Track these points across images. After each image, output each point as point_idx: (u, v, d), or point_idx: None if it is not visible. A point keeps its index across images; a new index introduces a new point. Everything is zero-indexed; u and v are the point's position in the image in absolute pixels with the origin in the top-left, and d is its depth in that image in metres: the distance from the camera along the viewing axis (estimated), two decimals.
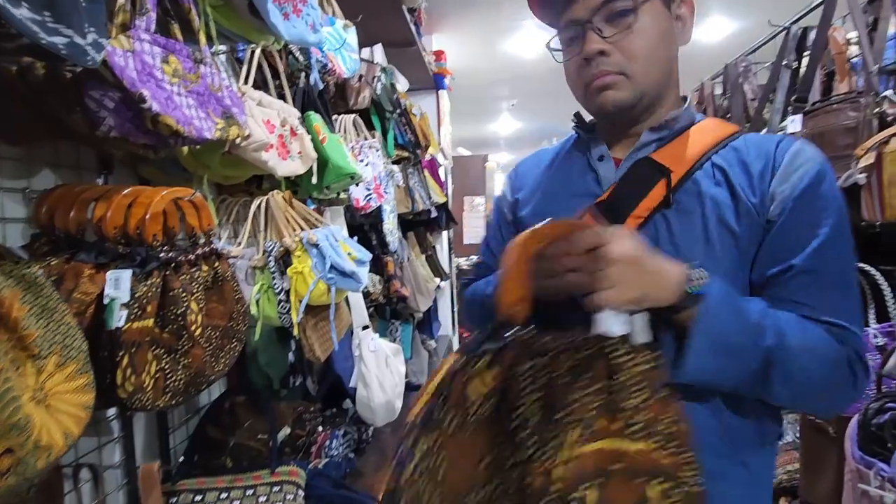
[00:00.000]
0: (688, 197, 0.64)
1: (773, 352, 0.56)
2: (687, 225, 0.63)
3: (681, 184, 0.64)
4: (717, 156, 0.66)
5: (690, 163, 0.65)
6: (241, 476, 0.96)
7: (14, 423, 0.39)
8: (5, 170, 0.72)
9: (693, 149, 0.66)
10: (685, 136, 0.68)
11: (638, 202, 0.64)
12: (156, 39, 0.73)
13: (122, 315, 0.55)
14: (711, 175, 0.65)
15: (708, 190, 0.64)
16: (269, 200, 1.06)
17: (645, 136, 0.69)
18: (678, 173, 0.64)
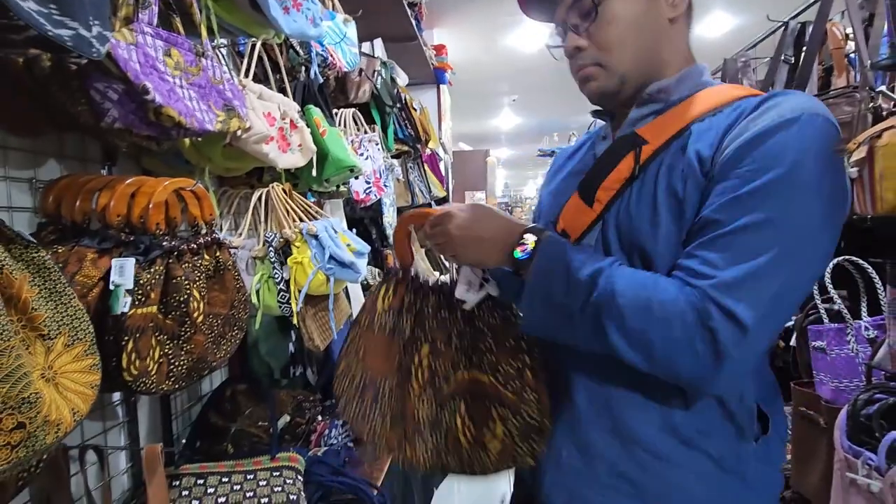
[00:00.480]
0: (653, 167, 0.62)
1: (600, 307, 0.55)
2: (643, 196, 0.61)
3: (654, 157, 0.62)
4: (700, 123, 0.61)
5: (669, 134, 0.62)
6: (242, 461, 0.98)
7: (25, 398, 0.40)
8: (12, 160, 0.74)
9: (679, 119, 0.63)
10: (679, 107, 0.65)
11: (606, 175, 0.65)
12: (158, 33, 0.75)
13: (126, 301, 0.57)
14: (683, 146, 0.61)
15: (671, 156, 0.61)
16: (270, 192, 1.07)
17: (633, 112, 0.68)
18: (653, 144, 0.63)
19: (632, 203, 0.62)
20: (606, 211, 0.65)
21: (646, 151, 0.63)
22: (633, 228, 0.61)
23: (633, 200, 0.62)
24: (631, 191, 0.63)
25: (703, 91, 0.65)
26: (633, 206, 0.62)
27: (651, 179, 0.61)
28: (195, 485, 0.91)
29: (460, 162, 5.18)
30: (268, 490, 0.91)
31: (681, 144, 0.61)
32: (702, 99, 0.64)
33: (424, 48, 2.70)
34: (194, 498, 0.88)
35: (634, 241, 0.61)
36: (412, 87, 2.66)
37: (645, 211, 0.60)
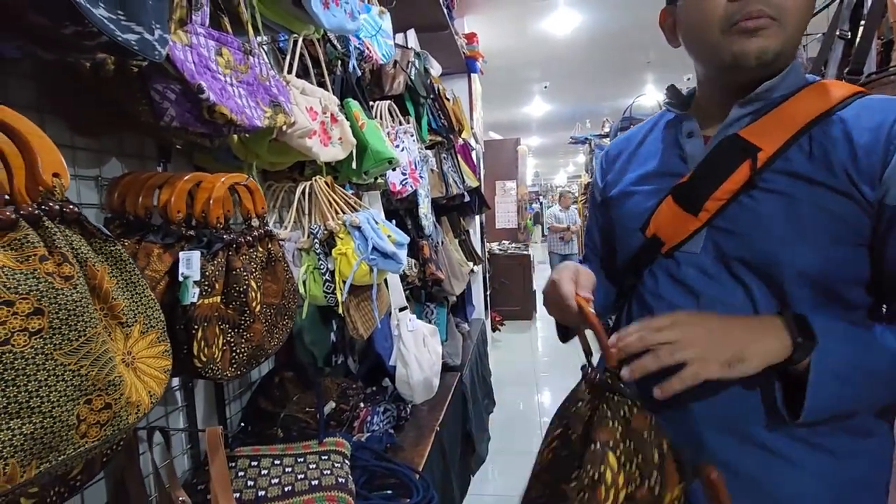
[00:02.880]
0: (777, 177, 0.58)
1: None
2: (775, 207, 0.58)
3: (770, 163, 0.58)
4: (817, 128, 0.58)
5: (783, 139, 0.58)
6: (291, 445, 1.03)
7: (111, 381, 0.44)
8: (80, 159, 0.79)
9: (790, 122, 0.59)
10: (785, 106, 0.60)
11: (718, 184, 0.60)
12: (210, 33, 0.77)
13: (195, 292, 0.60)
14: (807, 152, 0.57)
15: (801, 169, 0.57)
16: (313, 185, 1.10)
17: (734, 111, 0.63)
18: (767, 151, 0.58)
19: (761, 213, 0.59)
20: (717, 218, 0.62)
21: (760, 158, 0.59)
22: (765, 238, 0.58)
23: (762, 210, 0.59)
24: (753, 200, 0.59)
25: (807, 88, 0.61)
26: (763, 217, 0.58)
27: (781, 189, 0.58)
28: (249, 466, 0.96)
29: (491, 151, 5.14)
30: (317, 473, 0.95)
31: (804, 152, 0.58)
32: (810, 99, 0.60)
33: (456, 37, 2.68)
34: (249, 478, 0.92)
35: (764, 250, 0.58)
36: (444, 76, 2.66)
37: (781, 221, 0.57)
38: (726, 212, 0.61)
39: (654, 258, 0.68)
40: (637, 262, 0.71)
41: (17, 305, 0.38)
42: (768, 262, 0.58)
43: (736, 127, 0.63)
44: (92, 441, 0.43)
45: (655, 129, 0.77)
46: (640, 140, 0.78)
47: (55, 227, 0.43)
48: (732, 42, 0.58)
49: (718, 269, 0.62)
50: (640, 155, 0.75)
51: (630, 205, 0.73)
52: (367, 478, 1.10)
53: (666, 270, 0.67)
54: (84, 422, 0.42)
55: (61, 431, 0.40)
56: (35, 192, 0.44)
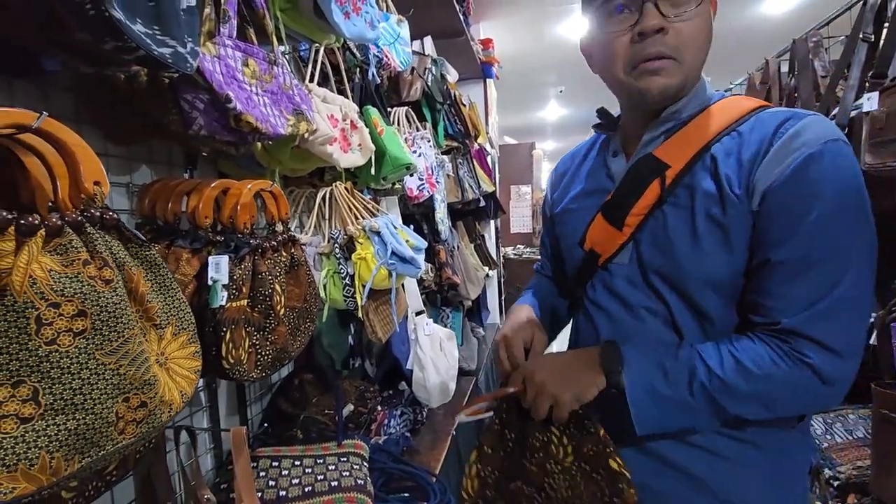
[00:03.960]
0: (683, 191, 0.64)
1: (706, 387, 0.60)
2: (679, 220, 0.64)
3: (678, 179, 0.64)
4: (718, 145, 0.64)
5: (688, 156, 0.64)
6: (311, 446, 1.04)
7: (146, 380, 0.45)
8: (112, 167, 0.82)
9: (695, 140, 0.65)
10: (691, 125, 0.66)
11: (635, 201, 0.67)
12: (237, 44, 0.80)
13: (223, 295, 0.62)
14: (709, 167, 0.63)
15: (699, 183, 0.63)
16: (333, 191, 1.12)
17: (646, 135, 0.69)
18: (675, 168, 0.65)
19: (668, 226, 0.65)
20: (638, 231, 0.68)
21: (668, 176, 0.65)
22: (672, 249, 0.64)
23: (669, 223, 0.65)
24: (663, 214, 0.65)
25: (713, 107, 0.66)
26: (669, 229, 0.65)
27: (684, 203, 0.64)
28: (270, 466, 0.98)
29: (506, 156, 5.14)
30: (336, 474, 0.96)
31: (706, 168, 0.63)
32: (714, 116, 0.65)
33: (472, 43, 2.70)
34: (270, 479, 0.94)
35: (672, 260, 0.64)
36: (460, 82, 2.68)
37: (683, 233, 0.63)
38: (645, 226, 0.67)
39: (594, 270, 0.74)
40: (580, 275, 0.77)
41: (63, 307, 0.40)
42: (677, 273, 0.64)
43: (652, 146, 0.68)
44: (129, 438, 0.45)
45: (594, 149, 0.83)
46: (581, 159, 0.85)
47: (96, 233, 0.45)
48: (637, 80, 0.64)
49: (641, 279, 0.68)
50: (580, 173, 0.82)
51: (570, 221, 0.80)
52: (384, 480, 1.11)
53: (602, 281, 0.74)
54: (122, 419, 0.44)
55: (102, 428, 0.42)
56: (77, 199, 0.46)
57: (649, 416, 0.63)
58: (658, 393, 0.61)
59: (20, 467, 0.38)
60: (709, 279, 0.63)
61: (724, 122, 0.64)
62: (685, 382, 0.61)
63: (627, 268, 0.70)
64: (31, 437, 0.38)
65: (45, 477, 0.38)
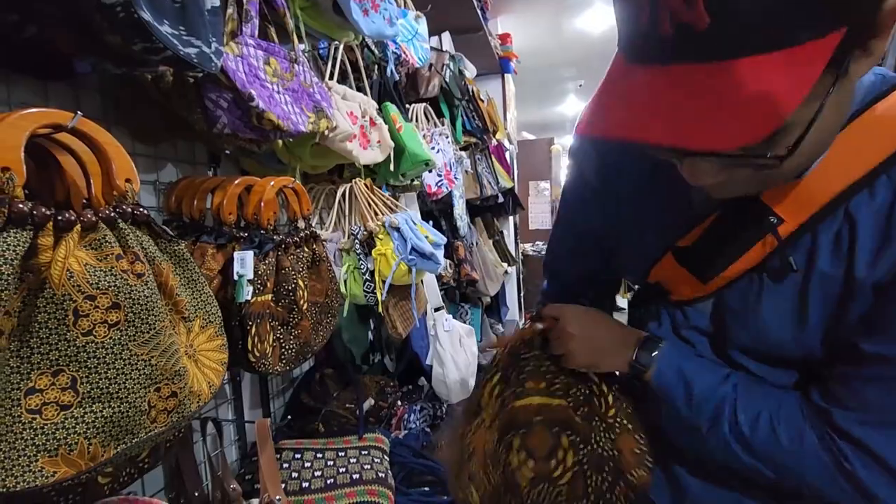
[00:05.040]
0: (798, 257, 0.47)
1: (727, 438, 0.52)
2: (780, 300, 0.49)
3: (793, 239, 0.47)
4: (863, 195, 0.43)
5: (813, 209, 0.45)
6: (332, 440, 1.06)
7: (177, 371, 0.47)
8: (140, 165, 0.84)
9: (824, 183, 0.45)
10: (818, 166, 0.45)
11: (728, 262, 0.51)
12: (259, 44, 0.81)
13: (249, 290, 0.64)
14: (838, 230, 0.45)
15: (824, 252, 0.46)
16: (353, 187, 1.13)
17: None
18: (791, 224, 0.46)
19: (763, 303, 0.50)
20: (726, 288, 0.54)
21: (781, 233, 0.47)
22: (765, 331, 0.51)
23: (764, 301, 0.50)
24: (760, 282, 0.50)
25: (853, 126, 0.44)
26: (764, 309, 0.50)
27: (796, 278, 0.48)
28: (293, 459, 0.99)
29: (524, 151, 5.11)
30: (358, 467, 0.98)
31: (835, 231, 0.45)
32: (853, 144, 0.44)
33: (490, 38, 2.69)
34: (293, 470, 0.96)
35: (763, 342, 0.52)
36: (478, 77, 2.67)
37: (784, 316, 0.49)
38: (735, 285, 0.53)
39: (663, 301, 0.62)
40: (643, 299, 0.66)
41: (98, 300, 0.41)
42: (766, 352, 0.53)
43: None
44: (161, 426, 0.47)
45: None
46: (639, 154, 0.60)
47: (128, 229, 0.47)
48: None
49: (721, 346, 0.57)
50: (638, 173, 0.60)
51: (626, 239, 0.65)
52: (405, 474, 1.13)
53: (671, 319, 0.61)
54: (154, 408, 0.46)
55: (135, 416, 0.44)
56: (110, 196, 0.47)
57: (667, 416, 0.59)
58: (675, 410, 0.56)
59: (61, 452, 0.39)
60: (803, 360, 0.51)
61: (865, 166, 0.43)
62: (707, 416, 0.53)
63: (707, 319, 0.57)
64: (70, 423, 0.40)
65: (84, 462, 0.40)
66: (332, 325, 0.84)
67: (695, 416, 0.54)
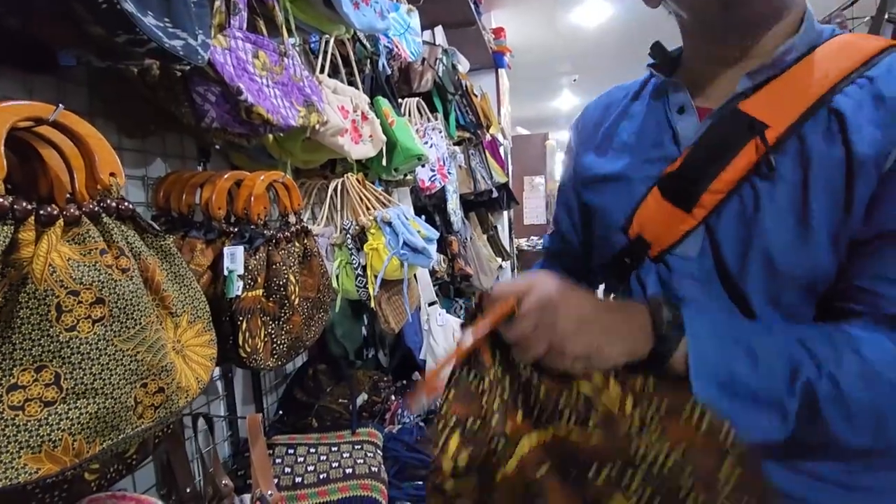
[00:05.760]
0: (786, 161, 0.47)
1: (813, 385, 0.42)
2: (780, 200, 0.46)
3: (780, 144, 0.47)
4: (840, 96, 0.46)
5: (797, 112, 0.46)
6: (326, 435, 1.06)
7: (164, 366, 0.47)
8: (127, 160, 0.83)
9: (803, 90, 0.47)
10: (796, 69, 0.48)
11: (716, 174, 0.48)
12: (247, 36, 0.80)
13: (239, 285, 0.63)
14: (826, 125, 0.46)
15: (815, 147, 0.46)
16: (345, 182, 1.13)
17: (742, 82, 0.50)
18: (777, 129, 0.47)
19: (762, 207, 0.47)
20: (713, 216, 0.49)
21: (769, 138, 0.47)
22: (766, 238, 0.47)
23: (764, 204, 0.47)
24: (754, 191, 0.48)
25: (824, 47, 0.48)
26: (765, 214, 0.47)
27: (789, 176, 0.46)
28: (286, 454, 0.99)
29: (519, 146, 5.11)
30: (351, 461, 0.98)
31: (823, 127, 0.46)
32: (830, 58, 0.47)
33: (483, 32, 2.67)
34: (286, 465, 0.96)
35: (772, 260, 0.47)
36: (471, 72, 2.66)
37: (786, 217, 0.46)
38: (724, 208, 0.49)
39: (641, 263, 0.56)
40: (620, 268, 0.58)
41: (82, 295, 0.41)
42: (768, 270, 0.48)
43: (738, 101, 0.50)
44: (148, 422, 0.46)
45: (641, 98, 0.62)
46: (623, 108, 0.63)
47: (112, 223, 0.46)
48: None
49: (717, 278, 0.50)
50: (622, 130, 0.60)
51: (610, 193, 0.59)
52: (398, 468, 1.13)
53: (656, 276, 0.54)
54: (140, 404, 0.45)
55: (121, 412, 0.43)
56: (94, 190, 0.47)
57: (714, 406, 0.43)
58: (737, 382, 0.42)
59: (44, 448, 0.39)
60: (811, 279, 0.46)
61: (846, 67, 0.46)
62: (784, 377, 0.42)
63: (695, 263, 0.51)
64: (53, 419, 0.40)
65: (69, 458, 0.40)
66: (324, 320, 0.84)
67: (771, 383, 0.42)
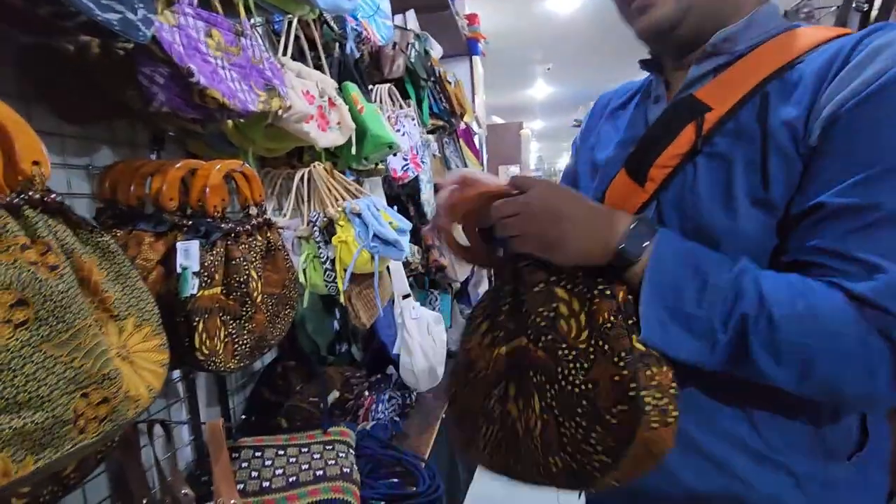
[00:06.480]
0: (723, 140, 0.51)
1: (747, 319, 0.45)
2: (712, 174, 0.51)
3: (720, 125, 0.51)
4: (775, 82, 0.50)
5: (736, 97, 0.51)
6: (295, 435, 1.02)
7: (106, 374, 0.42)
8: (69, 148, 0.76)
9: (748, 76, 0.52)
10: (745, 60, 0.53)
11: (660, 151, 0.54)
12: (199, 13, 0.74)
13: (195, 283, 0.58)
14: (758, 108, 0.50)
15: (744, 127, 0.50)
16: (312, 172, 1.07)
17: (693, 70, 0.56)
18: (718, 111, 0.52)
19: (698, 182, 0.52)
20: (662, 190, 0.55)
21: (709, 120, 0.52)
22: (701, 213, 0.52)
23: (699, 179, 0.52)
24: (695, 167, 0.53)
25: (778, 38, 0.53)
26: (700, 187, 0.52)
27: (721, 155, 0.51)
28: (253, 457, 0.95)
29: (493, 135, 5.08)
30: (322, 463, 0.94)
31: (755, 111, 0.50)
32: (776, 48, 0.52)
33: (456, 18, 2.62)
34: (253, 469, 0.92)
35: (702, 228, 0.52)
36: (444, 59, 2.60)
37: (716, 192, 0.51)
38: (671, 182, 0.54)
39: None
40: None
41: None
42: (702, 239, 0.51)
43: (695, 88, 0.56)
44: (91, 436, 0.42)
45: (639, 94, 0.69)
46: (628, 97, 0.70)
47: (37, 217, 0.41)
48: (633, 21, 0.56)
49: None
50: (621, 117, 0.68)
51: (595, 175, 0.66)
52: (372, 466, 1.10)
53: None
54: (82, 416, 0.41)
55: (57, 427, 0.39)
56: (14, 180, 0.42)
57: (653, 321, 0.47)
58: (679, 306, 0.47)
59: None
60: (742, 245, 0.50)
61: (785, 56, 0.51)
62: (723, 309, 0.45)
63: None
64: None
65: None
66: (291, 316, 0.79)
67: (706, 312, 0.46)
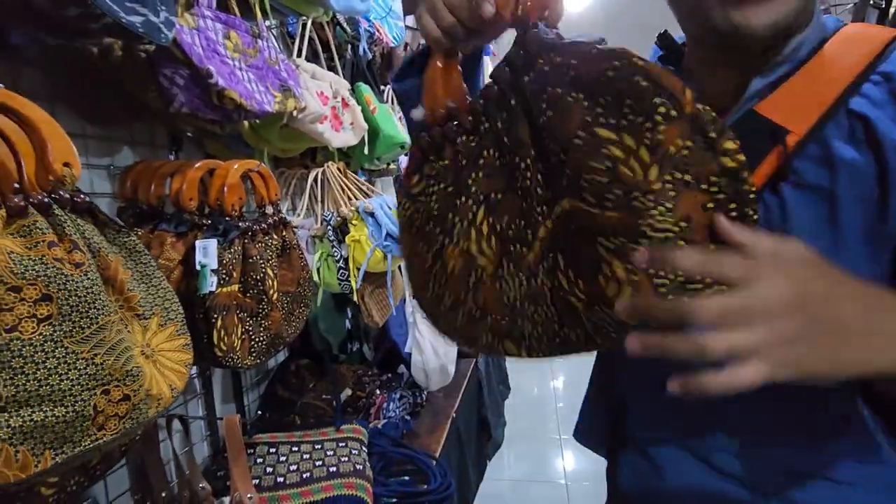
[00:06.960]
0: (811, 166, 0.45)
1: None
2: (809, 207, 0.45)
3: (801, 147, 0.45)
4: (858, 98, 0.45)
5: (815, 115, 0.45)
6: (309, 432, 1.03)
7: (128, 371, 0.43)
8: (91, 148, 0.78)
9: (821, 90, 0.46)
10: (810, 67, 0.47)
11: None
12: (217, 16, 0.76)
13: (213, 280, 0.60)
14: (848, 130, 0.45)
15: (840, 153, 0.44)
16: (325, 171, 1.09)
17: (755, 83, 0.48)
18: (798, 133, 0.45)
19: (789, 214, 0.46)
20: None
21: (789, 144, 0.45)
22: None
23: (790, 210, 0.46)
24: (780, 199, 0.46)
25: (833, 40, 0.47)
26: (792, 219, 0.45)
27: (814, 183, 0.45)
28: (268, 453, 0.96)
29: None
30: (335, 459, 0.95)
31: (844, 130, 0.45)
32: (838, 56, 0.46)
33: None
34: (268, 465, 0.93)
35: None
36: None
37: (816, 224, 0.45)
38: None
39: None
40: None
41: (24, 291, 0.37)
42: None
43: (755, 101, 0.48)
44: (110, 434, 0.43)
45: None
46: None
47: (66, 216, 0.42)
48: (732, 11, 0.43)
49: None
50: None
51: None
52: (384, 464, 1.11)
53: None
54: (102, 413, 0.42)
55: (76, 421, 0.40)
56: (45, 180, 0.43)
57: None
58: None
59: None
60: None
61: (859, 63, 0.45)
62: None
63: None
64: None
65: (12, 472, 0.36)
66: (305, 314, 0.80)
67: None
